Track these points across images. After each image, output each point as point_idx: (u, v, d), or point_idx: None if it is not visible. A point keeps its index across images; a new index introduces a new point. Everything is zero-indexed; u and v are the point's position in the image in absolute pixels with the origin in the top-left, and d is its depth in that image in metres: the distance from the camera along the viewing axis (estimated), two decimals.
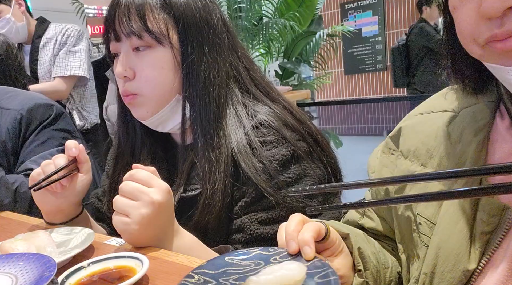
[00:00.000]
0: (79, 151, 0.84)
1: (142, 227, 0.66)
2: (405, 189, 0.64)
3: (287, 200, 0.76)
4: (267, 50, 4.37)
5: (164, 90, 0.84)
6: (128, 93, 0.85)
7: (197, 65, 0.83)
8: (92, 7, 4.52)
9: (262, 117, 0.82)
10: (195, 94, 0.83)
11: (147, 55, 0.82)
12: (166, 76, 0.83)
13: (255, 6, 4.06)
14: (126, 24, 0.80)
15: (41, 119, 1.24)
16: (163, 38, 0.81)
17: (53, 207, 0.86)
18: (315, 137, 0.86)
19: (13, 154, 1.21)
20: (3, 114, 1.22)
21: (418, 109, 0.71)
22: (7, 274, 0.59)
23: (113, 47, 0.86)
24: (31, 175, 0.83)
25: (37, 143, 1.21)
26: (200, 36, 0.83)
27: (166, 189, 0.68)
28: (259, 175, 0.76)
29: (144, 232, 0.67)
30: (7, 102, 1.26)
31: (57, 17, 2.45)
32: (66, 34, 2.27)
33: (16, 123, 1.20)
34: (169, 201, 0.69)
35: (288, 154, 0.79)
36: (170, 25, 0.82)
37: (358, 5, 6.46)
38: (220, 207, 0.78)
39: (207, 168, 0.79)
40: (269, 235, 0.76)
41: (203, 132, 0.82)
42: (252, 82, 0.90)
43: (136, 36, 0.80)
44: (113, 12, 0.82)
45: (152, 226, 0.67)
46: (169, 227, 0.72)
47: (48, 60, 2.25)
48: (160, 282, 0.58)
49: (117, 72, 0.83)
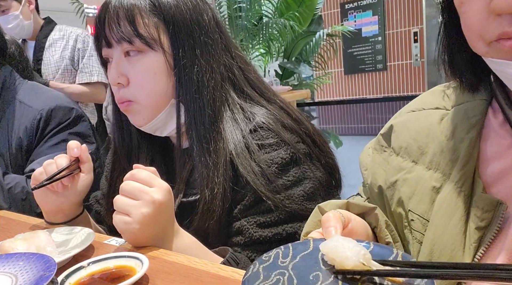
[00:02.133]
0: (81, 150, 0.84)
1: (143, 226, 0.66)
2: (396, 185, 0.64)
3: (286, 204, 0.75)
4: (267, 50, 4.37)
5: (158, 96, 0.83)
6: (124, 100, 0.84)
7: (190, 69, 0.81)
8: (92, 7, 4.52)
9: (260, 120, 0.81)
10: (189, 98, 0.81)
11: (139, 61, 0.81)
12: (159, 82, 0.82)
13: (255, 6, 4.06)
14: (116, 30, 0.79)
15: (59, 122, 1.25)
16: (154, 43, 0.80)
17: (53, 207, 0.86)
18: (313, 138, 0.86)
19: (27, 152, 1.22)
20: (24, 111, 1.24)
21: (409, 106, 0.71)
22: (7, 274, 0.59)
23: (105, 53, 0.85)
24: (33, 175, 0.83)
25: (49, 144, 1.22)
26: (191, 39, 0.82)
27: (166, 188, 0.68)
28: (257, 179, 0.75)
29: (144, 231, 0.67)
30: (31, 99, 1.27)
31: (57, 17, 2.45)
32: (86, 41, 2.32)
33: (35, 122, 1.22)
34: (169, 200, 0.69)
35: (288, 157, 0.78)
36: (161, 29, 0.80)
37: (358, 5, 6.45)
38: (220, 212, 0.77)
39: (205, 173, 0.78)
40: (267, 238, 0.75)
41: (198, 137, 0.81)
42: (247, 83, 0.88)
43: (127, 42, 0.79)
44: (102, 17, 0.81)
45: (153, 225, 0.67)
46: (169, 227, 0.72)
47: (54, 62, 2.26)
48: (160, 282, 0.58)
49: (111, 79, 0.83)
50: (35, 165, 1.18)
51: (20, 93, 1.29)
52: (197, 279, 0.58)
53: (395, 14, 6.17)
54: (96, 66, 2.32)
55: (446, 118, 0.62)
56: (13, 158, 1.21)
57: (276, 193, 0.76)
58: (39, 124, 1.21)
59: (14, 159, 1.21)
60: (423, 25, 5.92)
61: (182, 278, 0.58)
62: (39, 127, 1.22)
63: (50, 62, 2.26)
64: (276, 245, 0.74)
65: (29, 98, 1.27)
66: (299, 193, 0.77)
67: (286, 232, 0.75)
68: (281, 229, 0.75)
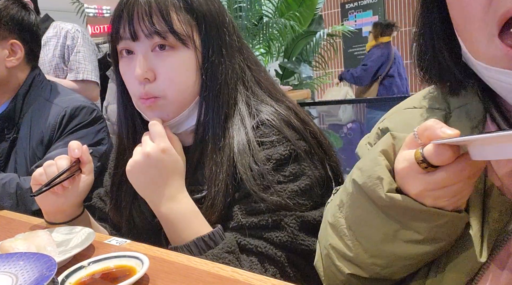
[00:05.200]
0: (82, 151, 0.84)
1: (132, 169, 0.78)
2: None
3: (273, 199, 0.75)
4: (267, 50, 4.38)
5: (186, 93, 0.82)
6: (150, 96, 0.81)
7: (216, 68, 0.82)
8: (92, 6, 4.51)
9: (264, 117, 0.82)
10: (212, 96, 0.83)
11: (170, 56, 0.80)
12: (189, 78, 0.82)
13: (255, 5, 4.07)
14: (148, 24, 0.77)
15: (80, 120, 1.29)
16: (188, 40, 0.80)
17: (54, 207, 0.86)
18: (319, 139, 0.86)
19: (47, 146, 1.27)
20: (49, 108, 1.30)
21: (406, 103, 0.69)
22: (7, 274, 0.59)
23: (125, 45, 0.82)
24: (33, 175, 0.83)
25: (67, 140, 1.25)
26: (219, 38, 0.83)
27: (161, 147, 0.77)
28: (253, 177, 0.76)
29: (133, 175, 0.79)
30: (56, 98, 1.34)
31: (57, 17, 2.44)
32: (75, 37, 2.26)
33: (59, 118, 1.27)
34: (161, 158, 0.77)
35: (287, 153, 0.78)
36: (193, 27, 0.81)
37: (358, 4, 6.46)
38: (221, 208, 0.78)
39: (214, 169, 0.80)
40: (253, 223, 0.76)
41: (213, 135, 0.82)
42: (257, 83, 0.90)
43: (160, 37, 0.78)
44: (131, 9, 0.79)
45: (140, 173, 0.78)
46: (160, 183, 0.78)
47: (48, 61, 2.22)
48: (160, 281, 0.58)
49: (137, 75, 0.79)
50: (42, 162, 1.21)
51: (46, 92, 1.36)
52: (197, 279, 0.58)
53: (395, 14, 6.18)
54: (82, 63, 2.23)
55: (450, 120, 0.61)
56: (32, 151, 1.26)
57: (267, 188, 0.76)
58: (62, 121, 1.27)
59: (32, 152, 1.26)
60: None
61: (182, 278, 0.58)
62: (61, 123, 1.27)
63: (44, 61, 2.21)
64: (260, 231, 0.77)
65: (54, 97, 1.34)
66: (293, 188, 0.77)
67: (271, 219, 0.76)
68: (267, 216, 0.77)
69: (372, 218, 0.54)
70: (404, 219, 0.51)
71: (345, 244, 0.59)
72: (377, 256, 0.55)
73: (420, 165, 0.47)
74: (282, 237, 0.76)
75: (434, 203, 0.49)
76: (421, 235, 0.51)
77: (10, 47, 1.28)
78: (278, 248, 0.76)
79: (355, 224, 0.57)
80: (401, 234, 0.52)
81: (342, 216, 0.60)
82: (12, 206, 1.11)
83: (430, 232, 0.51)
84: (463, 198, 0.50)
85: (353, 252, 0.57)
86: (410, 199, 0.50)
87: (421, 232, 0.51)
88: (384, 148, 0.55)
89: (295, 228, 0.76)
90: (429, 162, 0.46)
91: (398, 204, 0.50)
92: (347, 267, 0.59)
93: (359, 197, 0.56)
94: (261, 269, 0.75)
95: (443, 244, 0.52)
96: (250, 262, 0.75)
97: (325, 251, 0.64)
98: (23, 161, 1.26)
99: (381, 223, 0.53)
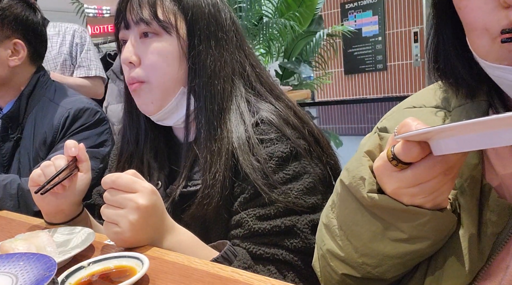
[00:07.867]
0: (79, 150, 0.85)
1: (134, 232, 0.67)
2: None
3: (281, 199, 0.76)
4: (267, 50, 4.38)
5: (169, 80, 0.86)
6: (134, 80, 0.86)
7: (204, 57, 0.85)
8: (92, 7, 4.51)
9: (264, 114, 0.83)
10: (201, 85, 0.85)
11: (153, 42, 0.85)
12: (170, 65, 0.85)
13: (255, 6, 4.06)
14: (136, 12, 0.84)
15: (84, 122, 1.29)
16: (170, 27, 0.85)
17: (53, 207, 0.86)
18: (317, 137, 0.87)
19: (50, 147, 1.27)
20: (53, 108, 1.31)
21: (406, 103, 0.69)
22: (7, 274, 0.59)
23: (122, 35, 0.89)
24: (31, 176, 0.83)
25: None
26: (207, 30, 0.86)
27: (150, 190, 0.68)
28: (256, 172, 0.77)
29: (136, 237, 0.68)
30: (61, 99, 1.34)
31: (57, 17, 2.45)
32: (83, 37, 2.33)
33: (62, 119, 1.27)
34: (155, 202, 0.69)
35: (288, 151, 0.79)
36: (179, 17, 0.85)
37: (358, 5, 6.45)
38: (218, 199, 0.78)
39: (209, 158, 0.81)
40: (266, 230, 0.76)
41: (207, 123, 0.84)
42: (257, 80, 0.92)
43: (145, 23, 0.84)
44: (126, 1, 0.86)
45: (144, 229, 0.68)
46: (161, 226, 0.72)
47: (52, 58, 2.23)
48: (160, 282, 0.58)
49: (123, 58, 0.86)
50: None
51: (50, 92, 1.36)
52: (197, 279, 0.58)
53: (395, 14, 6.17)
54: (94, 61, 2.32)
55: (450, 119, 0.61)
56: (35, 151, 1.26)
57: (273, 187, 0.76)
58: (65, 122, 1.27)
59: (35, 153, 1.26)
60: (423, 25, 5.92)
61: (182, 278, 0.58)
62: (65, 125, 1.27)
63: (47, 59, 2.22)
64: (274, 238, 0.75)
65: (58, 98, 1.34)
66: (299, 187, 0.78)
67: (284, 225, 0.76)
68: (280, 221, 0.76)
69: (360, 217, 0.54)
70: (388, 218, 0.51)
71: (337, 244, 0.59)
72: (366, 255, 0.55)
73: (392, 162, 0.47)
74: (296, 243, 0.76)
75: (412, 200, 0.49)
76: (405, 233, 0.51)
77: (13, 47, 1.28)
78: (294, 253, 0.76)
79: (345, 224, 0.58)
80: (388, 233, 0.52)
81: (334, 217, 0.61)
82: (14, 207, 1.11)
83: (413, 231, 0.51)
84: (442, 195, 0.49)
85: (344, 251, 0.58)
86: (388, 198, 0.50)
87: (405, 231, 0.51)
88: (370, 149, 0.56)
89: (308, 232, 0.77)
90: (399, 159, 0.46)
91: (379, 203, 0.51)
92: (340, 267, 0.59)
93: (347, 197, 0.57)
94: (280, 276, 0.75)
95: (430, 243, 0.52)
96: (268, 271, 0.75)
97: (320, 251, 0.64)
98: (27, 161, 1.26)
99: (368, 222, 0.53)
